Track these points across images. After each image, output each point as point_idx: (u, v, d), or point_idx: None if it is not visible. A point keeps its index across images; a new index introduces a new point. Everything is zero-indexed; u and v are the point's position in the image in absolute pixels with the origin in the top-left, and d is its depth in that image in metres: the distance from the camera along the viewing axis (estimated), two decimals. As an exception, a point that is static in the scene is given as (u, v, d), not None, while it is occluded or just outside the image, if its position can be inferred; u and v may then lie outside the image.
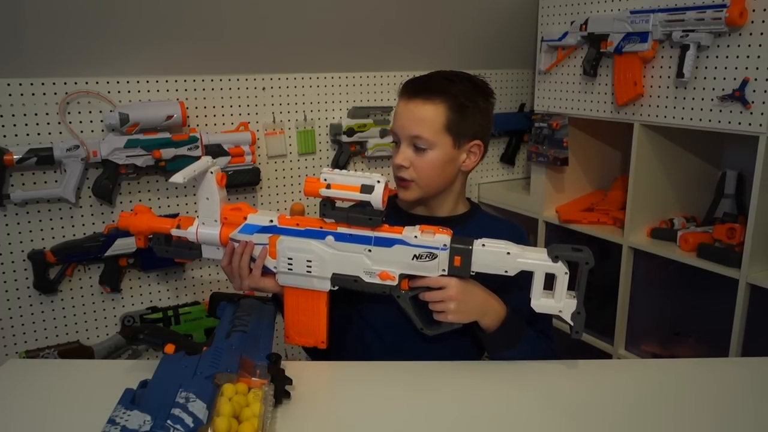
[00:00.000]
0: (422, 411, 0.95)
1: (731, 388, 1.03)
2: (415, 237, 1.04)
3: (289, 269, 1.07)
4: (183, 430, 0.74)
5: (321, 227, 1.06)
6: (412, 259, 1.04)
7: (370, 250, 1.05)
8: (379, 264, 1.05)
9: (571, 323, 1.05)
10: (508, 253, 1.03)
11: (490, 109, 1.21)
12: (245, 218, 1.07)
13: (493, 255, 1.03)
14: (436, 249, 1.03)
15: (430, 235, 1.04)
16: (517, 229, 1.26)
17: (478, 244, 1.04)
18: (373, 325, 1.21)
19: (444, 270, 1.04)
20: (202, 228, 1.08)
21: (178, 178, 0.97)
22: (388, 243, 1.04)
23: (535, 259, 1.04)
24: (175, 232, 1.09)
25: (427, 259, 1.04)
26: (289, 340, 1.13)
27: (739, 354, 1.61)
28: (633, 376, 1.09)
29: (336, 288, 1.08)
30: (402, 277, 1.06)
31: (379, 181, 0.99)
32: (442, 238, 1.03)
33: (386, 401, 0.97)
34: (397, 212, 1.25)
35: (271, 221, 1.07)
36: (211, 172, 1.04)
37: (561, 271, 1.03)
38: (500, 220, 1.39)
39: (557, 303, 1.05)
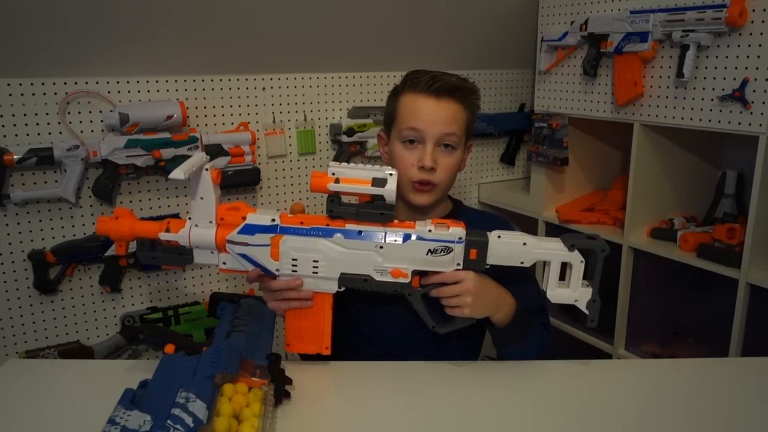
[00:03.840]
0: (422, 411, 0.95)
1: (731, 388, 1.03)
2: (429, 231, 1.00)
3: (293, 271, 1.02)
4: (183, 430, 0.74)
5: (328, 224, 1.01)
6: (427, 254, 1.00)
7: (381, 247, 1.00)
8: (391, 261, 1.01)
9: (587, 312, 1.04)
10: (525, 243, 1.01)
11: None
12: (244, 218, 1.00)
13: (510, 246, 1.01)
14: (451, 242, 1.00)
15: (444, 229, 1.00)
16: (502, 221, 1.24)
17: (493, 236, 1.01)
18: (366, 335, 1.20)
19: (459, 264, 1.01)
20: (195, 230, 1.00)
21: (178, 174, 0.89)
22: (402, 239, 1.01)
23: (551, 248, 1.02)
24: (163, 236, 1.00)
25: (443, 253, 1.00)
26: (290, 348, 1.07)
27: (739, 354, 1.61)
28: (633, 376, 1.09)
29: (342, 289, 1.04)
30: (414, 273, 1.02)
31: (391, 174, 0.96)
32: (457, 230, 1.00)
33: (386, 401, 0.97)
34: None
35: (273, 220, 1.00)
36: (206, 169, 0.96)
37: (577, 259, 1.02)
38: (485, 213, 1.38)
39: (573, 292, 1.04)
